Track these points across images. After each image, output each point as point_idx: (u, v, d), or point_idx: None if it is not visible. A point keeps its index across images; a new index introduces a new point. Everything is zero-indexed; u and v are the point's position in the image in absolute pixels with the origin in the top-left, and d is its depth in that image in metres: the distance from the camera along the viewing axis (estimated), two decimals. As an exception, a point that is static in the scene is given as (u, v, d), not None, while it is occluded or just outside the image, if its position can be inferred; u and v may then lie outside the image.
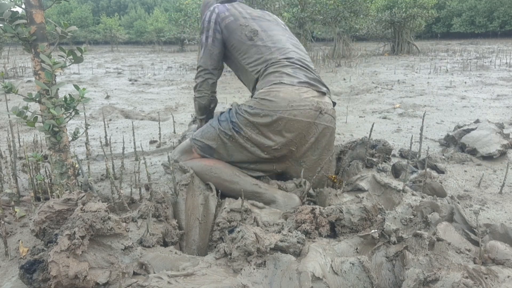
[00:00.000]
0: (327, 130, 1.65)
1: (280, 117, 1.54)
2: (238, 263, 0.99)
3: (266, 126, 1.56)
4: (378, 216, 1.19)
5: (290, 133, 1.57)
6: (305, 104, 1.57)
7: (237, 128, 1.59)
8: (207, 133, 1.67)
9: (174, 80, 6.43)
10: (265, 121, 1.55)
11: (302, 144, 1.62)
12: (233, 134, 1.60)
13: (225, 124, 1.63)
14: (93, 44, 26.85)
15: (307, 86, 1.63)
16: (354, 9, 9.51)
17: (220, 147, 1.64)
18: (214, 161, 1.65)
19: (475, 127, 2.29)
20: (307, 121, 1.57)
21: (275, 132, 1.56)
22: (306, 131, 1.59)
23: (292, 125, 1.56)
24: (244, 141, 1.60)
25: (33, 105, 3.97)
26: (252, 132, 1.58)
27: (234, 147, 1.62)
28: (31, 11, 1.33)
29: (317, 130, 1.62)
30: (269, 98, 1.56)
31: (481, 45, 13.95)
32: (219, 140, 1.63)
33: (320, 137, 1.64)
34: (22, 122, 1.34)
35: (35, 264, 0.96)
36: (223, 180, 1.58)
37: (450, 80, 5.37)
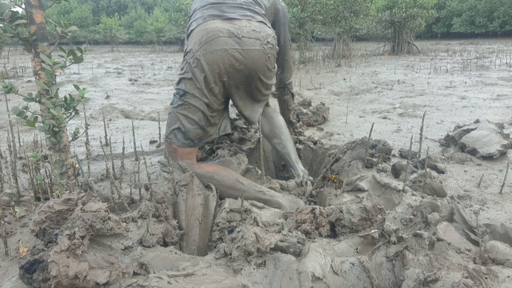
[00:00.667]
0: (253, 53, 1.64)
1: (197, 58, 1.59)
2: (238, 263, 0.99)
3: (195, 73, 1.60)
4: (378, 216, 1.19)
5: (212, 67, 1.59)
6: (214, 34, 1.60)
7: (182, 93, 1.65)
8: (169, 121, 1.72)
9: (174, 80, 6.43)
10: (191, 68, 1.60)
11: (232, 72, 1.64)
12: (183, 101, 1.65)
13: (175, 100, 1.69)
14: (93, 44, 26.85)
15: (213, 18, 1.66)
16: (354, 9, 9.51)
17: (187, 125, 1.66)
18: (215, 167, 1.64)
19: (475, 127, 2.29)
20: (222, 48, 1.58)
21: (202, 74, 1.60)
22: (228, 59, 1.60)
23: (209, 59, 1.58)
24: (194, 101, 1.63)
25: (33, 105, 3.97)
26: (192, 88, 1.62)
27: (194, 115, 1.65)
28: (31, 11, 1.33)
29: (241, 55, 1.61)
30: (187, 50, 1.65)
31: (481, 45, 13.95)
32: (180, 117, 1.67)
33: (248, 62, 1.63)
34: (22, 122, 1.34)
35: (35, 264, 0.96)
36: (226, 187, 1.57)
37: (450, 80, 5.37)
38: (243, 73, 1.66)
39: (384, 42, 12.35)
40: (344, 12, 9.44)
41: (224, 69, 1.61)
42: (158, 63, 10.08)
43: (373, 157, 1.91)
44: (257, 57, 1.65)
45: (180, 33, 14.10)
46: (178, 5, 13.01)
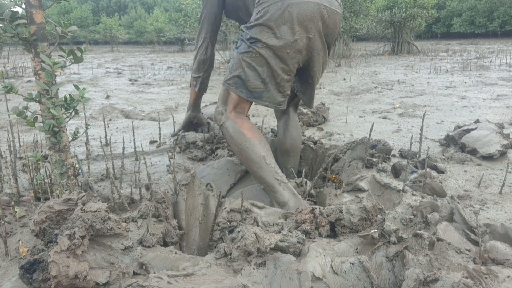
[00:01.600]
0: (336, 16, 1.61)
1: (288, 3, 1.48)
2: (238, 263, 0.99)
3: (278, 20, 1.49)
4: (378, 216, 1.19)
5: (303, 19, 1.50)
6: None
7: (254, 40, 1.53)
8: (232, 65, 1.63)
9: (174, 80, 6.43)
10: (276, 15, 1.49)
11: (317, 30, 1.56)
12: (252, 49, 1.54)
13: (242, 45, 1.59)
14: (93, 44, 26.84)
15: None
16: (354, 9, 9.51)
17: (248, 74, 1.57)
18: (254, 133, 1.58)
19: (475, 127, 2.29)
20: (316, 2, 1.51)
21: (289, 23, 1.49)
22: (319, 15, 1.53)
23: (302, 9, 1.49)
24: (265, 52, 1.52)
25: (33, 105, 3.97)
26: (268, 37, 1.51)
27: (260, 66, 1.55)
28: (31, 11, 1.33)
29: (328, 14, 1.56)
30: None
31: (481, 45, 13.95)
32: (244, 64, 1.57)
33: (331, 23, 1.59)
34: (22, 122, 1.34)
35: (35, 264, 0.96)
36: (250, 159, 1.53)
37: (450, 80, 5.37)
38: (325, 33, 1.59)
39: (384, 42, 12.35)
40: (344, 12, 9.44)
41: (313, 24, 1.51)
42: (158, 63, 10.09)
43: (373, 157, 1.91)
44: (338, 21, 1.63)
45: (180, 33, 14.09)
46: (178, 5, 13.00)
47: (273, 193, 1.51)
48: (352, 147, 1.94)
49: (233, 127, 1.58)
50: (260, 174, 1.52)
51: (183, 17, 10.45)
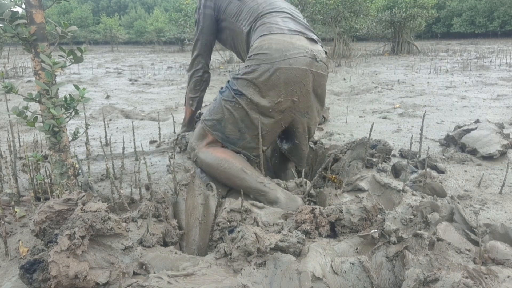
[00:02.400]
0: (321, 78, 1.66)
1: (277, 68, 1.54)
2: (238, 263, 0.99)
3: (266, 82, 1.55)
4: (378, 216, 1.19)
5: (290, 83, 1.56)
6: (299, 51, 1.58)
7: (239, 93, 1.59)
8: (213, 108, 1.68)
9: (174, 80, 6.43)
10: (264, 76, 1.55)
11: (303, 94, 1.62)
12: (236, 100, 1.60)
13: (227, 93, 1.64)
14: (93, 44, 26.84)
15: (298, 34, 1.64)
16: (354, 9, 9.51)
17: (227, 120, 1.63)
18: (226, 153, 1.64)
19: (475, 127, 2.29)
20: (304, 68, 1.57)
21: (275, 86, 1.56)
22: (304, 79, 1.59)
23: (290, 74, 1.55)
24: (247, 106, 1.58)
25: (33, 105, 3.97)
26: (253, 93, 1.57)
27: (240, 116, 1.61)
28: (31, 11, 1.33)
29: (314, 78, 1.62)
30: (262, 51, 1.57)
31: (481, 45, 13.95)
32: (225, 111, 1.63)
33: (315, 85, 1.65)
34: (22, 122, 1.34)
35: (35, 264, 0.96)
36: (230, 175, 1.58)
37: (450, 80, 5.37)
38: (311, 96, 1.66)
39: (384, 42, 12.34)
40: (344, 12, 9.44)
41: (298, 88, 1.59)
42: (158, 63, 10.09)
43: (373, 157, 1.91)
44: (323, 82, 1.69)
45: (180, 33, 14.10)
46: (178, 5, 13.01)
47: (262, 196, 1.55)
48: (352, 147, 1.94)
49: (206, 156, 1.64)
50: (244, 184, 1.56)
51: (183, 17, 10.45)
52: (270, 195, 1.53)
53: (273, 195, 1.53)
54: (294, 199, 1.53)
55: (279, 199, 1.52)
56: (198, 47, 2.12)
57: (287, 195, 1.54)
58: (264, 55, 1.56)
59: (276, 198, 1.52)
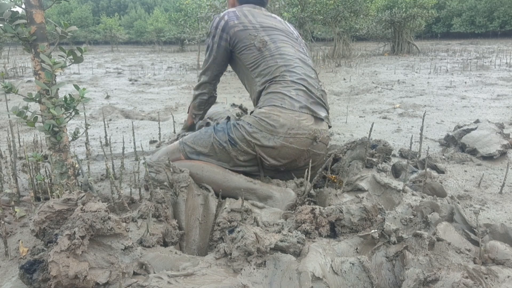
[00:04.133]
0: (317, 157, 1.72)
1: (277, 141, 1.58)
2: (238, 263, 0.99)
3: (261, 147, 1.60)
4: (378, 216, 1.19)
5: (283, 158, 1.63)
6: (303, 132, 1.61)
7: (233, 142, 1.62)
8: (200, 139, 1.68)
9: (174, 80, 6.43)
10: (261, 143, 1.59)
11: (292, 166, 1.69)
12: (228, 147, 1.63)
13: (221, 135, 1.65)
14: (93, 44, 26.84)
15: (307, 112, 1.65)
16: (354, 9, 9.51)
17: (210, 157, 1.66)
18: (204, 163, 1.65)
19: (475, 127, 2.29)
20: (302, 149, 1.63)
21: (268, 154, 1.61)
22: (298, 157, 1.65)
23: (286, 152, 1.61)
24: (237, 153, 1.63)
25: (33, 105, 3.97)
26: (247, 148, 1.62)
27: (225, 157, 1.65)
28: (31, 11, 1.33)
29: (308, 155, 1.68)
30: (268, 121, 1.59)
31: (481, 45, 13.95)
32: (212, 149, 1.66)
33: (308, 160, 1.69)
34: (22, 122, 1.34)
35: (35, 264, 0.96)
36: (216, 179, 1.57)
37: (450, 80, 5.37)
38: (297, 167, 1.71)
39: (384, 42, 12.35)
40: (344, 12, 9.44)
41: (287, 160, 1.64)
42: (158, 63, 10.09)
43: (373, 157, 1.91)
44: (317, 160, 1.74)
45: (180, 33, 14.09)
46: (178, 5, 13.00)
47: (254, 194, 1.54)
48: (352, 147, 1.94)
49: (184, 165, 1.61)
50: (232, 185, 1.56)
51: (183, 17, 10.45)
52: (262, 191, 1.53)
53: (265, 190, 1.53)
54: (287, 191, 1.53)
55: (272, 194, 1.52)
56: (208, 75, 1.99)
57: (279, 188, 1.55)
58: (269, 125, 1.59)
59: (269, 192, 1.52)
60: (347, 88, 5.02)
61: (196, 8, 9.34)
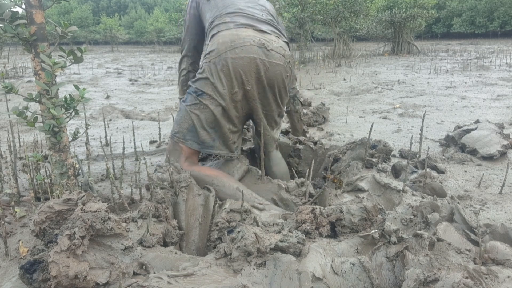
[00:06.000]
0: (276, 67, 1.67)
1: (225, 58, 1.59)
2: (238, 263, 0.99)
3: (218, 75, 1.61)
4: (378, 216, 1.19)
5: (239, 72, 1.61)
6: (245, 41, 1.61)
7: (200, 92, 1.65)
8: (179, 119, 1.71)
9: (174, 80, 6.43)
10: (215, 70, 1.60)
11: (255, 82, 1.66)
12: (198, 101, 1.64)
13: (189, 98, 1.69)
14: (93, 44, 26.84)
15: (245, 26, 1.68)
16: (354, 9, 9.51)
17: (197, 125, 1.65)
18: (216, 172, 1.63)
19: (475, 127, 2.29)
20: (252, 56, 1.61)
21: (227, 76, 1.61)
22: (255, 68, 1.63)
23: (238, 63, 1.60)
24: (210, 103, 1.63)
25: (33, 105, 3.97)
26: (212, 89, 1.63)
27: (206, 118, 1.65)
28: (31, 11, 1.33)
29: (266, 67, 1.64)
30: (211, 49, 1.63)
31: (481, 45, 13.95)
32: (193, 117, 1.66)
33: (270, 75, 1.66)
34: (22, 122, 1.34)
35: (35, 264, 0.96)
36: (225, 194, 1.55)
37: (450, 80, 5.37)
38: (265, 85, 1.68)
39: (384, 42, 12.35)
40: (344, 12, 9.44)
41: (249, 76, 1.62)
42: (158, 63, 10.09)
43: (373, 157, 1.91)
44: (279, 72, 1.69)
45: (180, 33, 14.10)
46: (178, 5, 13.02)
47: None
48: (352, 148, 1.94)
49: (196, 174, 1.60)
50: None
51: (183, 17, 10.46)
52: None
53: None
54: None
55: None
56: (185, 48, 2.11)
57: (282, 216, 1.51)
58: (212, 52, 1.62)
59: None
60: (347, 88, 5.02)
61: (196, 8, 9.33)
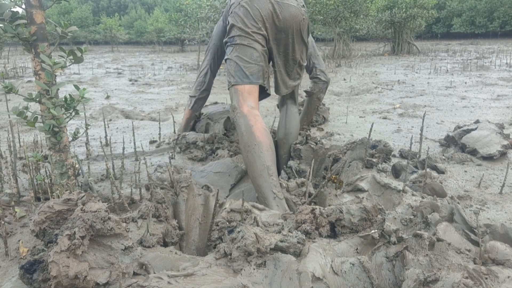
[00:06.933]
0: (291, 8, 1.83)
1: (243, 3, 1.79)
2: (238, 263, 0.99)
3: (241, 18, 1.81)
4: (378, 216, 1.19)
5: (258, 11, 1.79)
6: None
7: (232, 39, 1.85)
8: (229, 68, 1.85)
9: (174, 80, 6.43)
10: (238, 15, 1.81)
11: (273, 23, 1.83)
12: (235, 45, 1.83)
13: (228, 49, 1.87)
14: (93, 44, 26.85)
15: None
16: (354, 9, 9.51)
17: (240, 65, 1.80)
18: (263, 138, 1.63)
19: (475, 128, 2.29)
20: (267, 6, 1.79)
21: (248, 17, 1.80)
22: (271, 7, 1.80)
23: (255, 5, 1.79)
24: (241, 40, 1.81)
25: (33, 105, 3.97)
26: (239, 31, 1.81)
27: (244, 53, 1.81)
28: (31, 11, 1.33)
29: (281, 9, 1.81)
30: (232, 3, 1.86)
31: (481, 45, 13.95)
32: (234, 59, 1.82)
33: (286, 16, 1.82)
34: (22, 122, 1.34)
35: (35, 264, 0.96)
36: (254, 165, 1.57)
37: (450, 80, 5.37)
38: (281, 27, 1.84)
39: (384, 42, 12.35)
40: (344, 12, 9.44)
41: (266, 16, 1.80)
42: (158, 63, 10.09)
43: (373, 157, 1.91)
44: (294, 13, 1.84)
45: (180, 33, 14.10)
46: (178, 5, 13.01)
47: (263, 203, 1.52)
48: (352, 148, 1.94)
49: (245, 125, 1.65)
50: (259, 182, 1.55)
51: (183, 17, 10.45)
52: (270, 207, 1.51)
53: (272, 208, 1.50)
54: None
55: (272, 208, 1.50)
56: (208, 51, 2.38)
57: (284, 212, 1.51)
58: (233, 4, 1.85)
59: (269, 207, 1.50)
60: (347, 88, 5.02)
61: (196, 8, 9.35)
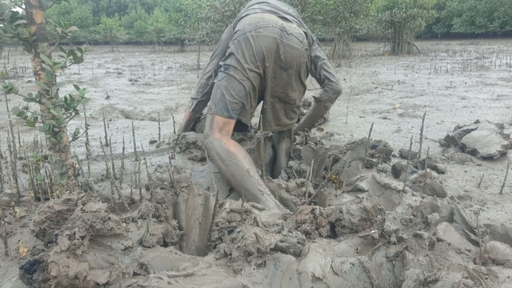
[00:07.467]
0: (294, 50, 1.85)
1: (249, 35, 1.80)
2: (238, 263, 0.99)
3: (242, 50, 1.81)
4: (378, 216, 1.19)
5: (260, 49, 1.80)
6: (268, 23, 1.82)
7: (227, 66, 1.86)
8: (214, 94, 1.87)
9: (174, 80, 6.43)
10: (240, 46, 1.81)
11: (274, 61, 1.84)
12: (226, 74, 1.84)
13: (219, 74, 1.89)
14: (93, 44, 26.86)
15: (270, 12, 1.90)
16: (354, 10, 9.51)
17: (227, 96, 1.82)
18: (237, 149, 1.72)
19: (475, 128, 2.29)
20: (272, 36, 1.80)
21: (248, 50, 1.81)
22: (275, 47, 1.81)
23: (260, 40, 1.80)
24: (235, 73, 1.82)
25: (33, 105, 3.97)
26: (236, 63, 1.82)
27: (232, 86, 1.82)
28: (31, 11, 1.33)
29: (284, 49, 1.83)
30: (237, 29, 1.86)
31: (481, 45, 13.95)
32: (222, 88, 1.84)
33: (288, 57, 1.84)
34: (22, 122, 1.34)
35: (35, 265, 0.96)
36: (235, 172, 1.64)
37: (450, 80, 5.37)
38: (282, 65, 1.85)
39: (384, 42, 12.35)
40: (344, 13, 9.44)
41: (268, 54, 1.81)
42: (158, 63, 10.09)
43: (373, 157, 1.91)
44: (296, 56, 1.86)
45: (180, 33, 14.10)
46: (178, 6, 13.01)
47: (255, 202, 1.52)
48: (352, 148, 1.94)
49: (219, 144, 1.74)
50: (244, 185, 1.60)
51: (183, 18, 10.45)
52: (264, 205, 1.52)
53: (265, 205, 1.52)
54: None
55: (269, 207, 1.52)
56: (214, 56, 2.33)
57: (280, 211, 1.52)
58: (239, 31, 1.85)
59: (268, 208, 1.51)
60: (347, 88, 5.02)
61: (196, 8, 9.34)
